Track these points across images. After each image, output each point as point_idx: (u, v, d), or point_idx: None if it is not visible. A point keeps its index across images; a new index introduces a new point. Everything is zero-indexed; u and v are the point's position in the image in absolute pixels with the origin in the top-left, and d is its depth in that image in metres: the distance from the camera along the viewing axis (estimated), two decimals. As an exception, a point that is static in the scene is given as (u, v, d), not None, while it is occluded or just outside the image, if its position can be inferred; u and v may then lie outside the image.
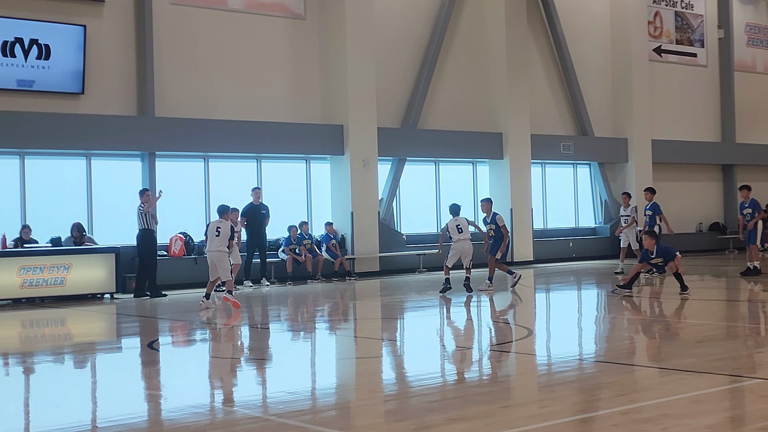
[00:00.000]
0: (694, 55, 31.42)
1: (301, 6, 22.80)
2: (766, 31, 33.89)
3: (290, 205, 22.69)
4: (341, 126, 22.59)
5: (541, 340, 11.85)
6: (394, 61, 24.24)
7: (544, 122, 27.08)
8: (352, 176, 22.51)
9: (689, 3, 31.28)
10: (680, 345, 10.87)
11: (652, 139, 29.08)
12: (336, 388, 8.96)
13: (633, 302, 15.70)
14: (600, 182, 28.56)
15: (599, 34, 28.86)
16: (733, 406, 7.60)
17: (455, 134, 25.02)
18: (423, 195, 25.32)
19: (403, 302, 17.24)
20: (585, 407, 7.57)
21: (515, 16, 25.66)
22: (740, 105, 32.41)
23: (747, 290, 18.02)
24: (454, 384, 8.79)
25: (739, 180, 32.13)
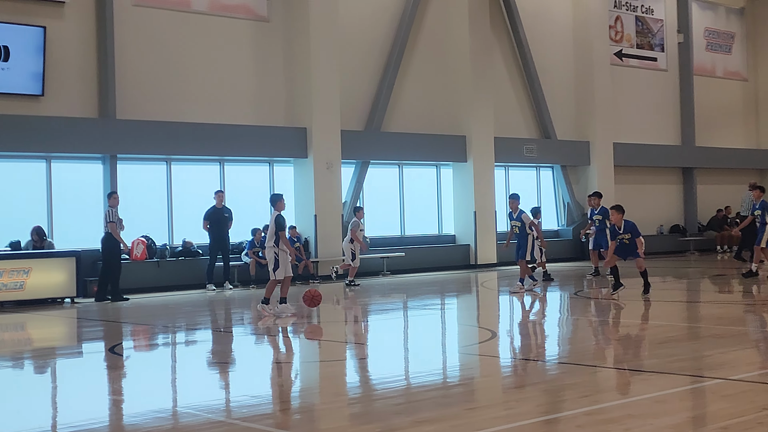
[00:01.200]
0: (655, 60, 31.72)
1: (265, 8, 22.71)
2: (724, 36, 34.29)
3: (254, 208, 22.56)
4: (305, 129, 22.53)
5: (505, 342, 11.88)
6: (357, 64, 24.23)
7: (507, 125, 27.19)
8: (315, 179, 22.45)
9: (649, 8, 31.58)
10: (643, 346, 10.95)
11: (614, 142, 29.29)
12: (300, 391, 8.92)
13: (597, 304, 15.79)
14: (563, 185, 28.72)
15: (561, 38, 29.04)
16: (695, 405, 7.66)
17: (419, 137, 25.05)
18: (387, 198, 25.31)
19: (367, 305, 17.21)
20: (549, 408, 7.59)
21: (478, 20, 25.75)
22: (699, 109, 32.75)
23: (708, 291, 18.20)
24: (420, 386, 8.77)
25: (698, 182, 32.53)
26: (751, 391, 7.89)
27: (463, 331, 13.37)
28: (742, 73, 34.88)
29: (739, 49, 34.79)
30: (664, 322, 13.23)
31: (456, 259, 25.46)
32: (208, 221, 20.31)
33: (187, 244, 21.12)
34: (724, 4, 34.31)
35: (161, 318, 15.55)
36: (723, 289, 18.87)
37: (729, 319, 13.47)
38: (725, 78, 34.32)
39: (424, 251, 25.03)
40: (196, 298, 18.82)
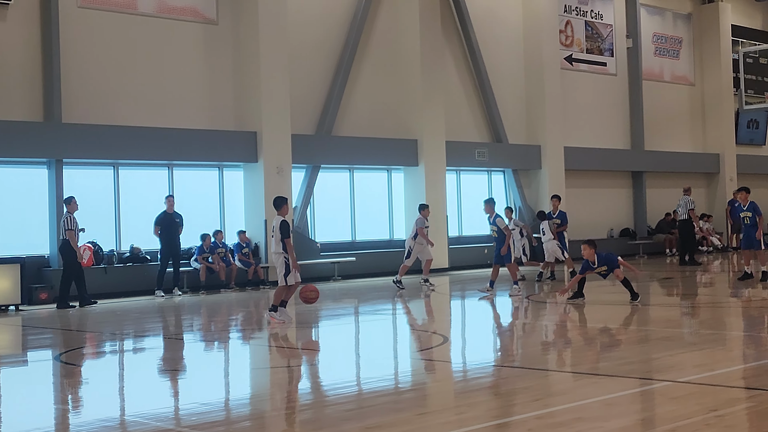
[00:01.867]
0: (604, 64, 32.00)
1: (214, 11, 22.53)
2: (672, 41, 34.71)
3: (203, 213, 22.38)
4: (255, 133, 22.38)
5: (457, 346, 11.87)
6: (308, 68, 24.13)
7: (458, 129, 27.25)
8: (265, 184, 22.30)
9: (599, 13, 31.86)
10: (593, 349, 10.99)
11: (565, 146, 29.49)
12: (250, 398, 8.82)
13: (548, 308, 15.86)
14: (514, 189, 28.85)
15: (512, 42, 29.18)
16: (645, 408, 7.69)
17: (370, 141, 25.01)
18: (337, 202, 25.23)
19: (318, 310, 17.11)
20: (500, 413, 7.58)
21: (429, 24, 25.79)
22: (648, 113, 33.11)
23: (657, 294, 18.37)
24: (371, 392, 8.71)
25: (648, 186, 32.88)
26: (699, 393, 7.94)
27: (414, 336, 13.33)
28: (689, 77, 35.34)
29: (686, 53, 35.25)
30: (614, 325, 13.31)
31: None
32: (158, 226, 20.08)
33: (135, 250, 20.86)
34: (671, 10, 34.74)
35: (109, 325, 15.32)
36: (671, 292, 19.06)
37: (677, 322, 13.60)
38: (673, 82, 34.73)
39: (376, 256, 24.97)
40: (145, 304, 18.58)
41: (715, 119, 35.17)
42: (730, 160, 35.09)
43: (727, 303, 16.16)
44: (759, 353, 10.16)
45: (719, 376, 8.66)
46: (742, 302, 16.02)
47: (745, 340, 11.35)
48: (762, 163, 37.22)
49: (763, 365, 9.32)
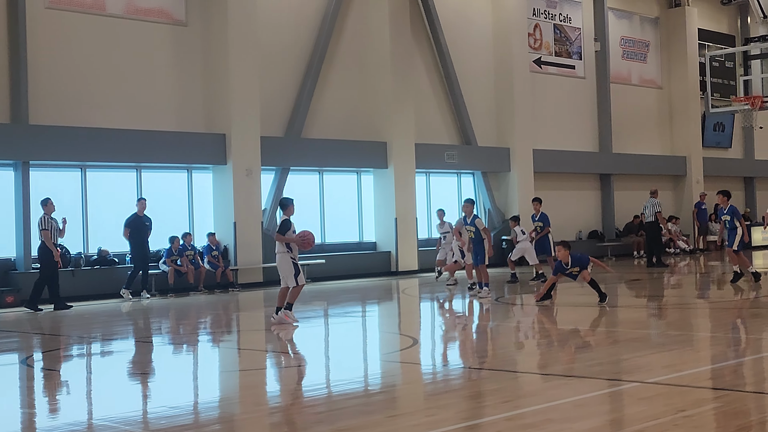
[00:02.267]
0: (573, 67, 32.18)
1: (183, 12, 22.42)
2: (640, 45, 34.97)
3: (171, 215, 22.25)
4: (224, 135, 22.28)
5: (426, 349, 11.88)
6: (277, 70, 24.07)
7: (428, 131, 27.29)
8: (234, 186, 22.22)
9: (567, 16, 32.04)
10: (563, 351, 11.04)
11: (534, 148, 29.61)
12: (220, 401, 8.77)
13: (517, 310, 15.91)
14: (483, 191, 28.93)
15: (482, 45, 29.26)
16: (613, 409, 7.73)
17: (339, 143, 24.99)
18: (307, 205, 25.15)
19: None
20: (470, 415, 7.59)
21: (399, 26, 25.81)
22: (616, 116, 33.32)
23: (625, 296, 18.49)
24: (341, 395, 8.70)
25: (615, 188, 33.09)
26: (667, 393, 8.00)
27: (384, 339, 13.33)
28: (656, 80, 35.61)
29: (653, 57, 35.52)
30: (584, 327, 13.38)
31: (377, 266, 25.44)
32: (128, 229, 19.92)
33: (103, 253, 20.70)
34: (639, 14, 34.99)
35: (77, 328, 15.19)
36: (640, 294, 19.19)
37: (646, 323, 13.69)
38: (641, 86, 34.98)
39: (345, 258, 24.95)
40: (113, 307, 18.45)
41: (682, 122, 35.46)
42: (696, 163, 35.39)
43: (694, 304, 16.29)
44: (726, 354, 10.26)
45: (687, 377, 8.73)
46: (708, 303, 16.16)
47: (712, 341, 11.45)
48: (728, 166, 37.59)
49: (730, 366, 9.41)
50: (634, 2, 34.70)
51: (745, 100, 23.00)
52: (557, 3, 31.63)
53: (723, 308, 15.19)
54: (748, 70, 23.34)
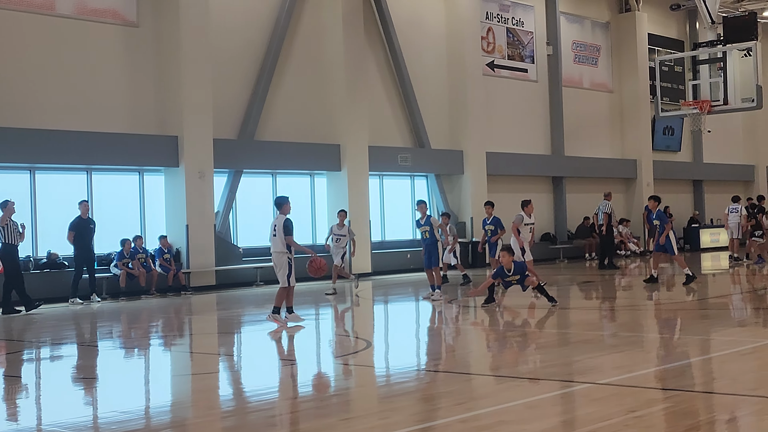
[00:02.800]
0: (525, 71, 32.39)
1: (134, 13, 22.20)
2: (591, 49, 35.31)
3: (123, 218, 22.02)
4: (176, 137, 22.10)
5: (380, 351, 11.88)
6: (230, 71, 23.93)
7: (381, 134, 27.30)
8: (187, 188, 22.05)
9: (520, 20, 32.25)
10: (515, 352, 11.10)
11: (487, 151, 29.75)
12: (171, 405, 8.69)
13: (470, 312, 15.96)
14: (437, 194, 29.01)
15: (435, 48, 29.35)
16: (566, 410, 7.78)
17: (293, 146, 24.90)
18: (260, 207, 25.04)
19: (240, 316, 16.99)
20: (424, 417, 7.60)
21: (352, 29, 25.79)
22: (568, 119, 33.59)
23: (577, 298, 18.64)
24: (294, 398, 8.67)
25: (568, 191, 33.37)
26: (619, 394, 8.08)
27: (338, 341, 13.30)
28: (607, 84, 35.97)
29: (604, 61, 35.87)
30: (536, 329, 13.46)
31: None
32: (73, 232, 19.65)
33: (53, 256, 20.42)
34: (590, 18, 35.33)
35: (25, 333, 14.97)
36: (591, 296, 19.36)
37: (597, 325, 13.81)
38: (592, 89, 35.31)
39: (298, 261, 24.73)
40: (62, 311, 18.21)
41: (633, 126, 35.86)
42: (647, 166, 35.81)
43: (644, 306, 16.46)
44: (675, 355, 10.38)
45: (638, 378, 8.82)
46: (659, 305, 16.35)
47: (662, 342, 11.59)
48: (677, 169, 38.10)
49: (680, 366, 9.52)
50: (585, 7, 35.04)
51: (693, 104, 23.31)
52: (510, 7, 31.83)
53: (673, 310, 15.37)
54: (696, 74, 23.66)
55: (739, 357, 10.01)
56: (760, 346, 10.73)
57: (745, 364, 9.62)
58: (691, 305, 15.97)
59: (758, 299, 16.76)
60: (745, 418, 7.16)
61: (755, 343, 10.95)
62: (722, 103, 22.82)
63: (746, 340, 11.37)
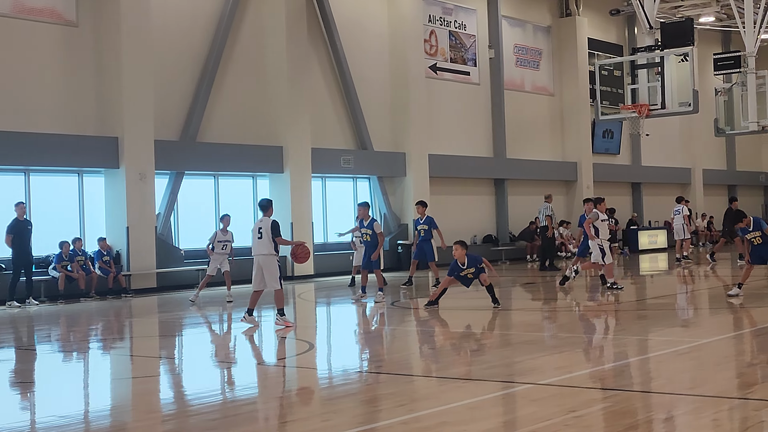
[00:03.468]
0: (468, 74, 32.58)
1: (74, 12, 21.89)
2: (532, 53, 35.64)
3: (62, 220, 21.71)
4: (116, 138, 21.85)
5: (322, 353, 11.86)
6: (172, 72, 23.72)
7: (324, 136, 27.26)
8: (127, 190, 21.80)
9: (462, 23, 32.43)
10: (457, 354, 11.16)
11: (429, 153, 29.86)
12: (111, 409, 8.60)
13: (412, 314, 16.00)
14: (379, 196, 29.05)
15: (378, 50, 29.39)
16: (507, 410, 7.85)
17: (235, 147, 24.75)
18: (202, 209, 24.89)
19: (182, 319, 16.84)
20: (366, 419, 7.61)
21: (295, 31, 25.72)
22: (510, 122, 33.86)
23: (519, 299, 18.80)
24: (236, 401, 8.62)
25: (509, 194, 33.63)
26: (559, 394, 8.17)
27: (279, 344, 13.25)
28: (548, 88, 36.34)
29: (546, 65, 36.23)
30: (478, 330, 13.54)
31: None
32: (11, 235, 19.32)
33: (-10, 258, 20.07)
34: (532, 22, 35.65)
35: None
36: (532, 297, 19.53)
37: (538, 326, 13.94)
38: (533, 93, 35.64)
39: (240, 263, 24.67)
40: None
41: (573, 129, 36.28)
42: (587, 169, 36.25)
43: (584, 307, 16.64)
44: (614, 355, 10.52)
45: (578, 378, 8.93)
46: (598, 306, 16.54)
47: (601, 343, 11.74)
48: (616, 172, 38.64)
49: (619, 366, 9.66)
50: (527, 11, 35.36)
51: (632, 108, 23.58)
52: (452, 10, 32.00)
53: (612, 311, 15.57)
54: (635, 78, 23.93)
55: (676, 357, 10.18)
56: (696, 345, 10.92)
57: (681, 363, 9.79)
58: (630, 306, 16.19)
59: (695, 299, 17.05)
60: (682, 416, 7.28)
61: (691, 343, 11.15)
62: (660, 107, 23.12)
63: (683, 340, 11.57)
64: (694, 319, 14.39)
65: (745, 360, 10.12)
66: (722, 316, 14.49)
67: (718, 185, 44.95)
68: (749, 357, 10.34)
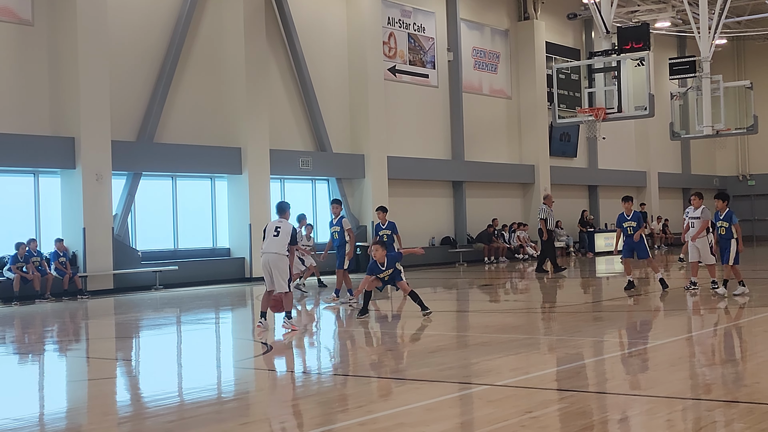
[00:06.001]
0: (426, 76, 32.69)
1: (29, 11, 21.66)
2: (490, 56, 35.83)
3: (17, 221, 21.46)
4: (72, 138, 21.65)
5: (280, 355, 11.85)
6: (129, 72, 23.55)
7: (283, 137, 27.21)
8: (84, 191, 21.61)
9: (421, 26, 32.53)
10: (414, 355, 11.20)
11: (388, 155, 29.91)
12: (67, 412, 8.53)
13: (373, 315, 16.03)
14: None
15: (337, 52, 29.38)
16: (464, 412, 7.90)
17: (193, 148, 24.63)
18: (159, 210, 24.73)
19: (139, 320, 16.73)
20: (323, 420, 7.61)
21: (254, 32, 25.65)
22: (468, 125, 34.01)
23: (476, 301, 18.89)
24: (193, 403, 8.59)
25: (468, 196, 33.77)
26: (515, 395, 8.23)
27: (238, 345, 13.22)
28: (506, 91, 36.55)
29: (503, 68, 36.45)
30: (435, 331, 13.59)
31: (231, 273, 25.19)
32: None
33: (-57, 260, 19.80)
34: (490, 26, 35.84)
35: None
36: (490, 299, 19.64)
37: (495, 327, 14.01)
38: (491, 96, 35.82)
39: (198, 264, 24.62)
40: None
41: (531, 132, 36.53)
42: (544, 171, 36.51)
43: (541, 308, 16.76)
44: (569, 356, 10.62)
45: (534, 379, 9.01)
46: (555, 307, 16.68)
47: (558, 344, 11.84)
48: (573, 175, 38.96)
49: (574, 368, 9.75)
50: (485, 14, 35.55)
51: (589, 112, 23.80)
52: (411, 12, 32.09)
53: (568, 312, 15.70)
54: (592, 82, 24.17)
55: (630, 358, 10.30)
56: (650, 347, 11.06)
57: (636, 364, 9.91)
58: (586, 308, 16.35)
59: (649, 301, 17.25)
60: (637, 417, 7.38)
61: (646, 344, 11.29)
62: (616, 111, 23.35)
63: (637, 341, 11.70)
64: (648, 321, 14.56)
65: (698, 361, 10.26)
66: (676, 318, 14.68)
67: (673, 188, 45.50)
68: (702, 358, 10.49)
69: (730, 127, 28.91)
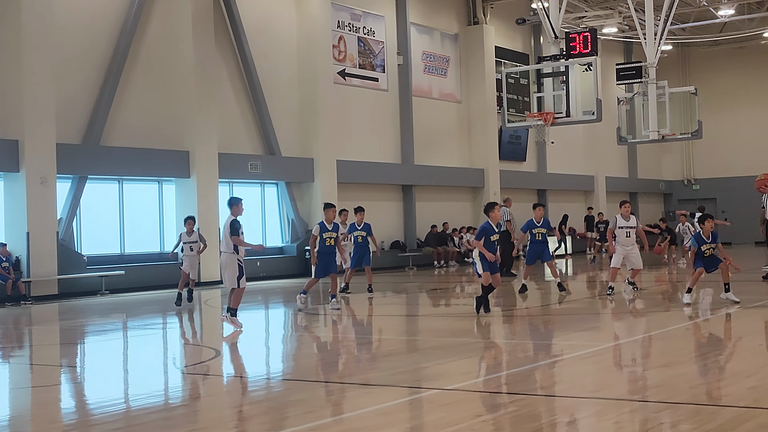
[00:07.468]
0: (376, 80, 32.70)
1: (-28, 12, 21.28)
2: (440, 60, 35.95)
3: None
4: (16, 141, 21.30)
5: (229, 360, 11.74)
6: (75, 73, 23.22)
7: (232, 141, 27.03)
8: (28, 195, 21.26)
9: (371, 29, 32.54)
10: (365, 360, 11.17)
11: (338, 159, 29.86)
12: (10, 420, 8.35)
13: (319, 320, 15.96)
14: (287, 201, 28.92)
15: (286, 55, 29.27)
16: (414, 416, 7.87)
17: (140, 152, 24.36)
18: (106, 214, 24.42)
19: (84, 326, 16.49)
20: (274, 426, 7.54)
21: (202, 34, 25.45)
22: (418, 129, 34.08)
23: (426, 305, 18.91)
24: (141, 409, 8.46)
25: (417, 199, 33.82)
26: (466, 399, 8.23)
27: (186, 351, 13.07)
28: (456, 95, 36.70)
29: (453, 72, 36.59)
30: (385, 336, 13.57)
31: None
32: None
33: None
34: (440, 30, 35.97)
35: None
36: (440, 303, 19.66)
37: (445, 331, 14.03)
38: (441, 99, 35.94)
39: (145, 269, 24.33)
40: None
41: (480, 136, 36.71)
42: (494, 175, 36.72)
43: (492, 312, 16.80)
44: (520, 360, 10.65)
45: (484, 383, 9.02)
46: (504, 311, 16.74)
47: (508, 348, 11.87)
48: (522, 178, 39.22)
49: (524, 371, 9.78)
50: (435, 18, 35.66)
51: (538, 116, 23.97)
52: (361, 16, 32.08)
53: (519, 316, 15.77)
54: (540, 87, 24.36)
55: (579, 361, 10.36)
56: (599, 350, 11.14)
57: (585, 367, 9.96)
58: (536, 311, 16.43)
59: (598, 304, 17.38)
60: (586, 419, 7.41)
61: (594, 347, 11.36)
62: (565, 116, 23.54)
63: (586, 344, 11.77)
64: (596, 324, 14.67)
65: (645, 363, 10.35)
66: (624, 321, 14.81)
67: (620, 192, 45.98)
68: (649, 360, 10.58)
69: (676, 132, 29.23)
